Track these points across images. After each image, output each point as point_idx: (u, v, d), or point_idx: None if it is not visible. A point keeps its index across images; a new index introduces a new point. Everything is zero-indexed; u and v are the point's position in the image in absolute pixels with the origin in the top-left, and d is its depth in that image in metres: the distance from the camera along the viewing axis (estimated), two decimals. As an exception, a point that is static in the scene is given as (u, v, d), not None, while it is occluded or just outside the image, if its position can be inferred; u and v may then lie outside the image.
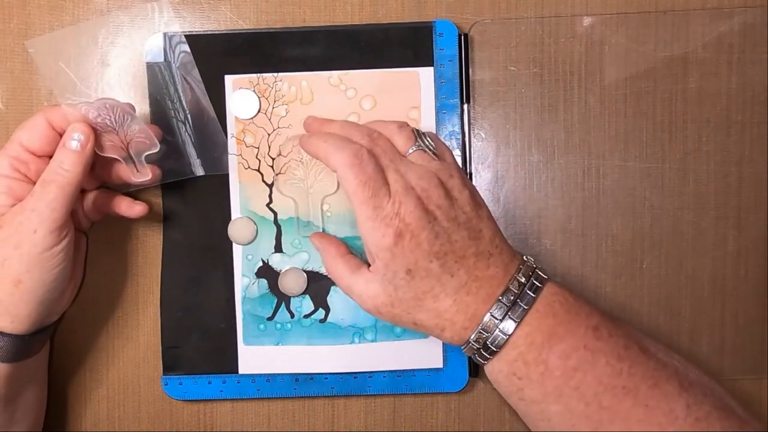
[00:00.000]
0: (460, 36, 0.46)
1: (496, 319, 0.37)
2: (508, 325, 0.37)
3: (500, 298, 0.38)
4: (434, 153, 0.41)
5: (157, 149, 0.42)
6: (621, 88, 0.46)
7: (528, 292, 0.38)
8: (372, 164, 0.39)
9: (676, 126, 0.46)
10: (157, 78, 0.45)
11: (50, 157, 0.40)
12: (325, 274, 0.46)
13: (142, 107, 0.46)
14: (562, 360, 0.36)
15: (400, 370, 0.47)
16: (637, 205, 0.46)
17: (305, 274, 0.46)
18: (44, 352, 0.44)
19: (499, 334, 0.37)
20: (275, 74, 0.46)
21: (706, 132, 0.46)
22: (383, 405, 0.48)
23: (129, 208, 0.44)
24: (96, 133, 0.40)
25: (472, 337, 0.38)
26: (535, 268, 0.39)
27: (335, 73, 0.46)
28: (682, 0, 0.46)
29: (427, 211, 0.38)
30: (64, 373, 0.48)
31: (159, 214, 0.46)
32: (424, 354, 0.46)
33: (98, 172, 0.43)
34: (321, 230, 0.46)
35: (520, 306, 0.37)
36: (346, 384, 0.47)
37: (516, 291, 0.38)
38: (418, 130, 0.42)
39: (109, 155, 0.42)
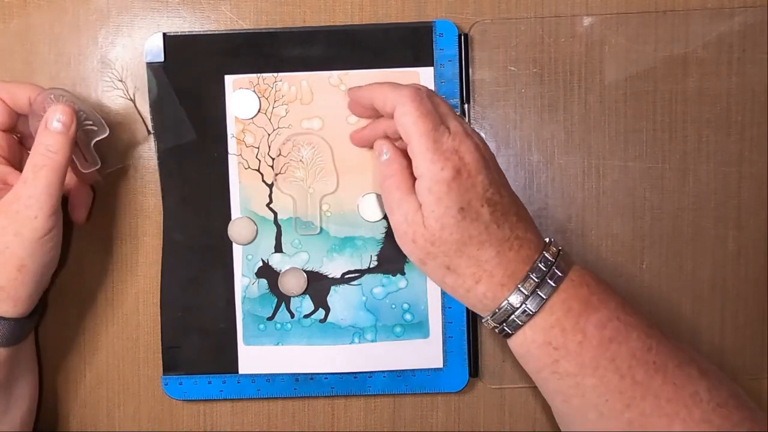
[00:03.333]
0: (460, 36, 0.46)
1: (535, 280, 0.37)
2: (546, 289, 0.37)
3: (538, 262, 0.37)
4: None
5: (106, 134, 0.42)
6: (621, 88, 0.46)
7: (561, 262, 0.38)
8: (431, 103, 0.38)
9: (676, 126, 0.46)
10: (158, 78, 0.45)
11: (7, 130, 0.42)
12: (325, 273, 0.46)
13: (143, 107, 0.46)
14: (598, 330, 0.36)
15: (400, 370, 0.47)
16: (637, 205, 0.46)
17: (305, 274, 0.46)
18: (32, 334, 0.45)
19: (538, 296, 0.37)
20: (275, 74, 0.46)
21: (706, 132, 0.46)
22: (383, 405, 0.48)
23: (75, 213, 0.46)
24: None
25: (509, 298, 0.37)
26: (561, 248, 0.39)
27: (335, 73, 0.46)
28: (682, 0, 0.46)
29: (483, 158, 0.38)
30: (65, 373, 0.48)
31: (159, 214, 0.46)
32: (424, 354, 0.46)
33: None
34: (320, 230, 0.46)
35: (556, 273, 0.37)
36: (346, 384, 0.47)
37: (551, 259, 0.37)
38: None
39: None
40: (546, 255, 0.38)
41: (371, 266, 0.46)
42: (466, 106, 0.46)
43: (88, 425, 0.48)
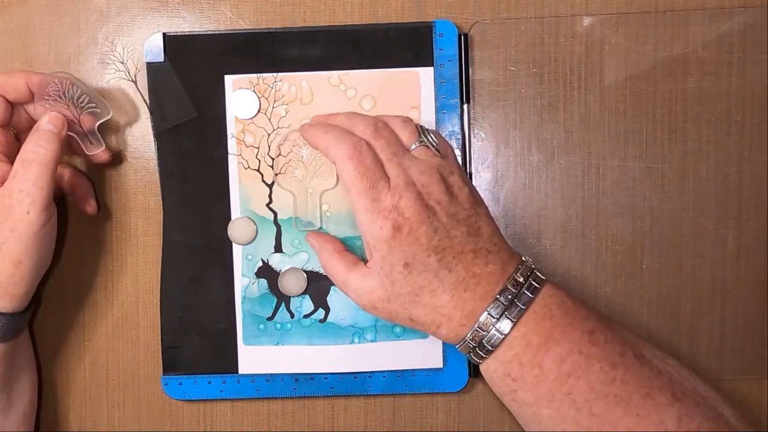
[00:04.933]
0: (460, 36, 0.46)
1: (493, 317, 0.37)
2: (505, 325, 0.37)
3: (498, 296, 0.38)
4: (437, 149, 0.41)
5: (109, 116, 0.43)
6: (621, 88, 0.46)
7: (526, 292, 0.38)
8: (371, 156, 0.39)
9: (676, 126, 0.46)
10: (158, 78, 0.45)
11: (4, 125, 0.42)
12: (325, 273, 0.46)
13: (142, 107, 0.46)
14: (556, 364, 0.36)
15: (399, 370, 0.47)
16: (636, 205, 0.46)
17: (305, 274, 0.46)
18: (27, 329, 0.46)
19: (495, 333, 0.37)
20: (275, 74, 0.46)
21: (706, 132, 0.46)
22: (383, 405, 0.48)
23: (87, 204, 0.46)
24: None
25: (468, 335, 0.38)
26: (534, 268, 0.39)
27: (335, 73, 0.46)
28: (682, 0, 0.46)
29: (426, 207, 0.38)
30: (65, 373, 0.48)
31: (159, 214, 0.46)
32: (424, 354, 0.46)
33: None
34: (320, 229, 0.46)
35: (518, 306, 0.37)
36: (346, 384, 0.47)
37: (514, 290, 0.38)
38: (421, 126, 0.42)
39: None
40: (509, 287, 0.38)
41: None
42: (466, 106, 0.46)
43: (88, 425, 0.48)
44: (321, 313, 0.46)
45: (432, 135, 0.42)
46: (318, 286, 0.46)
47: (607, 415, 0.36)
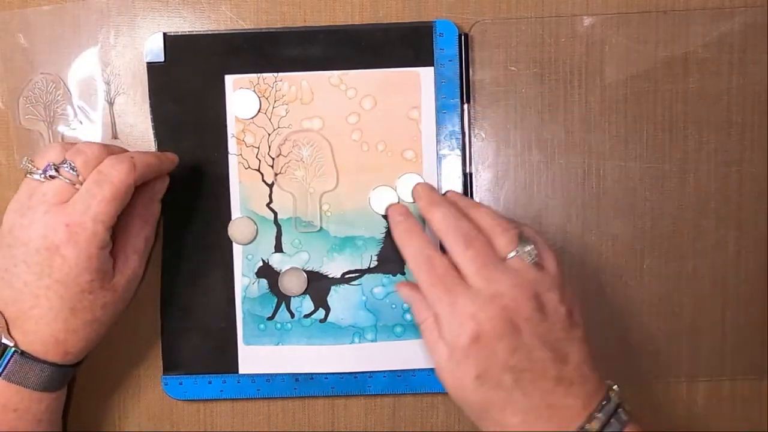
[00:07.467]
0: (460, 36, 0.46)
1: None
2: None
3: None
4: (535, 262, 0.38)
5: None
6: (621, 88, 0.46)
7: None
8: (443, 266, 0.38)
9: (676, 126, 0.46)
10: (158, 78, 0.45)
11: None
12: (325, 273, 0.46)
13: (143, 107, 0.46)
14: None
15: (400, 370, 0.47)
16: (637, 205, 0.46)
17: (305, 274, 0.46)
18: None
19: None
20: (275, 74, 0.46)
21: (706, 132, 0.46)
22: (383, 405, 0.48)
23: None
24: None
25: None
26: (620, 404, 0.36)
27: (335, 73, 0.46)
28: (683, 0, 0.46)
29: (510, 322, 0.36)
30: (64, 372, 0.48)
31: (159, 214, 0.46)
32: (424, 354, 0.46)
33: None
34: (320, 229, 0.46)
35: None
36: (346, 384, 0.47)
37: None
38: (523, 233, 0.39)
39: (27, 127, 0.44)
40: (586, 428, 0.35)
41: (371, 266, 0.46)
42: (466, 105, 0.46)
43: (88, 425, 0.48)
44: (321, 312, 0.46)
45: (533, 246, 0.38)
46: (318, 285, 0.46)
47: None
